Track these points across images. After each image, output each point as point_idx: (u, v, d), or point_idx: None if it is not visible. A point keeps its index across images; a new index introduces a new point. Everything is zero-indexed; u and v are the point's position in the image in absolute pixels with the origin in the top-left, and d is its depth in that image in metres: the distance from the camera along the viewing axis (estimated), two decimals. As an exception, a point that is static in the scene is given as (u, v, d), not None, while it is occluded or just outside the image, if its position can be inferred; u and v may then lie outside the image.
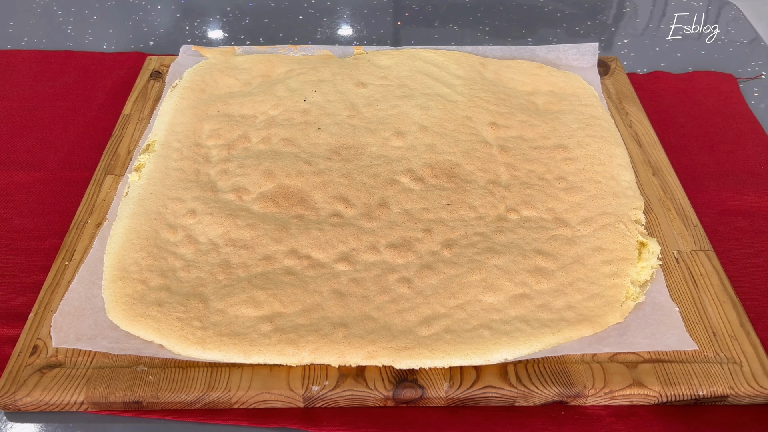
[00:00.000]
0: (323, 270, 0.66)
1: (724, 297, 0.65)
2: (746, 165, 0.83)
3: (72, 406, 0.58)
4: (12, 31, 1.06)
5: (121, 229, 0.69)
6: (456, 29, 1.08)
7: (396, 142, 0.79)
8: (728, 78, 0.97)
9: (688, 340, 0.60)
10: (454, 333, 0.60)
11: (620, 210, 0.71)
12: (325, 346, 0.59)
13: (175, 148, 0.78)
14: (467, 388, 0.58)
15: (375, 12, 1.12)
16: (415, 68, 0.90)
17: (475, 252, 0.67)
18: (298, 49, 0.95)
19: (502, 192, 0.74)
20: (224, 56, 0.93)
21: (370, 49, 0.95)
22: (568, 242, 0.68)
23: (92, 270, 0.66)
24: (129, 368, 0.59)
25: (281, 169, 0.75)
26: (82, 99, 0.92)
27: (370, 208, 0.71)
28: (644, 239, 0.68)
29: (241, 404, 0.58)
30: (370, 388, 0.58)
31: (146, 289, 0.64)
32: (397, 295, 0.64)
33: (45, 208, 0.76)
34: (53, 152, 0.84)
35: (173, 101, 0.84)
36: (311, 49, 0.95)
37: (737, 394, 0.58)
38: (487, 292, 0.64)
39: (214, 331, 0.60)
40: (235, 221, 0.69)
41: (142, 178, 0.74)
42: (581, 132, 0.80)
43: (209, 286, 0.64)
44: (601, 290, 0.64)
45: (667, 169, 0.79)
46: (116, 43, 1.04)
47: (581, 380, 0.58)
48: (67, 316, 0.62)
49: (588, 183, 0.74)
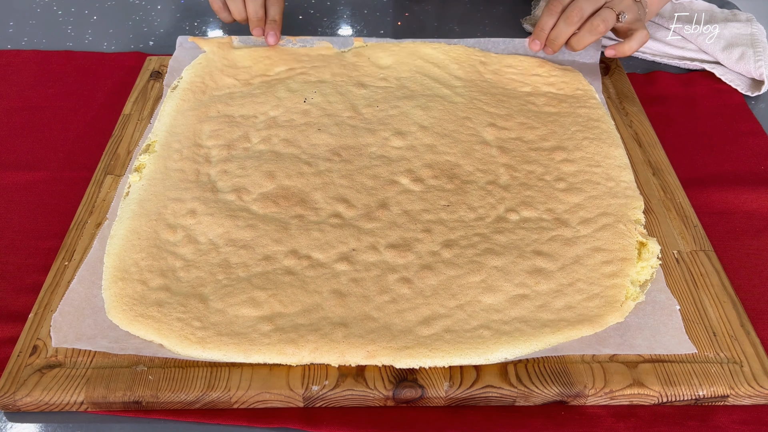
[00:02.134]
0: (323, 270, 0.66)
1: (724, 297, 0.65)
2: (746, 165, 0.83)
3: (72, 406, 0.58)
4: (12, 31, 1.06)
5: (122, 230, 0.69)
6: (456, 29, 1.08)
7: (396, 142, 0.79)
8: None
9: (687, 343, 0.60)
10: (454, 333, 0.60)
11: (620, 210, 0.71)
12: (325, 346, 0.59)
13: (176, 149, 0.78)
14: (467, 387, 0.58)
15: (375, 12, 1.12)
16: (416, 68, 0.90)
17: (475, 253, 0.67)
18: (297, 41, 0.95)
19: (502, 193, 0.74)
20: (222, 49, 0.93)
21: (371, 41, 0.95)
22: (568, 243, 0.68)
23: (92, 270, 0.66)
24: (129, 368, 0.59)
25: (282, 170, 0.75)
26: (82, 99, 0.92)
27: (370, 209, 0.72)
28: (644, 239, 0.68)
29: (241, 404, 0.58)
30: (370, 388, 0.58)
31: (146, 290, 0.64)
32: (397, 295, 0.64)
33: (45, 208, 0.76)
34: (53, 152, 0.84)
35: (174, 102, 0.84)
36: (310, 41, 0.95)
37: (737, 394, 0.58)
38: (486, 293, 0.64)
39: (214, 331, 0.60)
40: (235, 221, 0.69)
41: (143, 179, 0.74)
42: (580, 134, 0.80)
43: (209, 286, 0.64)
44: (600, 290, 0.64)
45: (667, 169, 0.79)
46: (116, 43, 1.04)
47: (581, 380, 0.58)
48: (67, 316, 0.62)
49: (587, 184, 0.74)
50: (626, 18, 0.85)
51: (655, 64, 1.00)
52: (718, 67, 0.96)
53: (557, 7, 0.87)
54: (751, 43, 0.95)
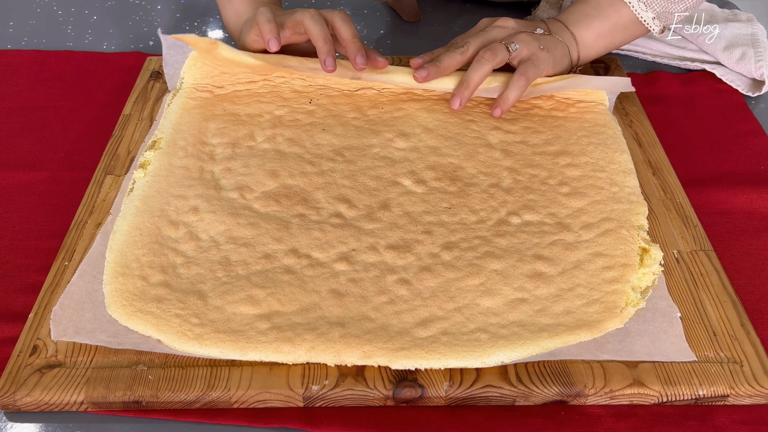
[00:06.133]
0: (322, 269, 0.66)
1: (724, 297, 0.65)
2: (746, 165, 0.83)
3: (72, 406, 0.58)
4: (12, 31, 1.06)
5: (125, 226, 0.69)
6: (457, 29, 1.08)
7: (400, 143, 0.79)
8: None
9: (687, 350, 0.60)
10: (452, 335, 0.60)
11: (623, 216, 0.71)
12: (322, 345, 0.59)
13: (181, 146, 0.78)
14: (467, 387, 0.58)
15: (375, 12, 1.12)
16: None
17: (475, 256, 0.67)
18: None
19: (504, 196, 0.73)
20: (207, 51, 0.84)
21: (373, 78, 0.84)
22: (569, 247, 0.68)
23: (94, 265, 0.66)
24: (128, 368, 0.59)
25: (285, 169, 0.75)
26: (82, 99, 0.92)
27: (371, 209, 0.71)
28: (647, 245, 0.68)
29: (241, 404, 0.58)
30: (369, 388, 0.58)
31: (146, 286, 0.64)
32: (395, 296, 0.64)
33: (45, 208, 0.76)
34: (53, 152, 0.84)
35: (181, 100, 0.84)
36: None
37: (737, 394, 0.58)
38: (485, 297, 0.64)
39: (212, 328, 0.61)
40: (236, 219, 0.70)
41: (147, 176, 0.75)
42: (585, 139, 0.80)
43: (208, 283, 0.64)
44: (600, 296, 0.64)
45: (667, 169, 0.79)
46: (116, 43, 1.04)
47: (581, 380, 0.58)
48: (67, 310, 0.62)
49: (591, 189, 0.74)
50: (517, 49, 0.80)
51: (655, 64, 1.00)
52: (719, 67, 0.96)
53: (446, 48, 0.83)
54: (751, 43, 0.95)
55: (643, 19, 0.83)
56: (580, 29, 0.84)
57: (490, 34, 0.83)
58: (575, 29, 0.84)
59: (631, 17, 0.84)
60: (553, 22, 0.86)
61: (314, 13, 0.78)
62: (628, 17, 0.84)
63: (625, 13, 0.83)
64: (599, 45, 0.86)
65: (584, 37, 0.85)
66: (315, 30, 0.77)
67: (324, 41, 0.77)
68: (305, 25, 0.78)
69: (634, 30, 0.85)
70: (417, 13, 1.09)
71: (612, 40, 0.86)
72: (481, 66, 0.79)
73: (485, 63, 0.79)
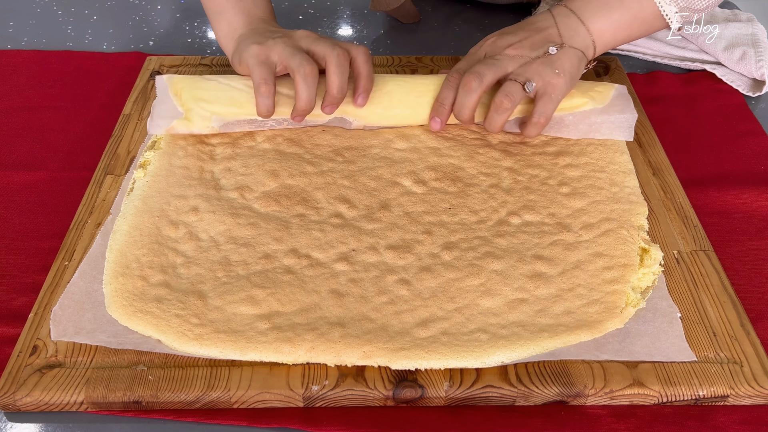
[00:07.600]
0: (322, 270, 0.66)
1: (724, 297, 0.65)
2: (746, 165, 0.83)
3: (72, 406, 0.58)
4: (12, 31, 1.06)
5: (125, 226, 0.69)
6: (457, 29, 1.08)
7: (400, 144, 0.79)
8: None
9: (687, 351, 0.60)
10: (451, 335, 0.60)
11: (623, 216, 0.71)
12: (322, 345, 0.59)
13: (181, 146, 0.78)
14: (467, 387, 0.58)
15: (375, 12, 1.12)
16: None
17: (475, 256, 0.67)
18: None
19: (504, 196, 0.73)
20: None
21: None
22: (569, 247, 0.68)
23: (94, 265, 0.66)
24: (128, 368, 0.59)
25: (285, 169, 0.75)
26: (82, 99, 0.92)
27: (371, 210, 0.72)
28: (647, 245, 0.68)
29: (241, 404, 0.58)
30: (370, 388, 0.58)
31: (146, 286, 0.64)
32: (395, 297, 0.64)
33: (45, 208, 0.76)
34: (53, 152, 0.84)
35: None
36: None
37: (737, 394, 0.58)
38: (485, 297, 0.64)
39: (212, 328, 0.61)
40: (236, 219, 0.70)
41: (147, 175, 0.75)
42: (585, 140, 0.80)
43: (208, 283, 0.64)
44: (600, 296, 0.64)
45: (667, 169, 0.79)
46: (116, 43, 1.04)
47: (581, 380, 0.58)
48: (67, 310, 0.63)
49: (591, 189, 0.74)
50: (534, 86, 0.75)
51: (655, 64, 1.00)
52: (719, 67, 0.96)
53: (455, 79, 0.77)
54: (752, 43, 0.95)
55: (666, 13, 0.79)
56: (598, 21, 0.78)
57: (501, 65, 0.77)
58: (592, 22, 0.78)
59: (653, 10, 0.79)
60: (566, 15, 0.79)
61: (342, 60, 0.74)
62: (650, 10, 0.79)
63: (648, 5, 0.79)
64: (617, 39, 0.81)
65: (603, 31, 0.79)
66: (336, 81, 0.75)
67: (340, 91, 0.75)
68: (328, 72, 0.75)
69: (652, 24, 0.81)
70: (416, 14, 1.09)
71: (630, 34, 0.81)
72: (499, 115, 0.75)
73: (504, 112, 0.75)
